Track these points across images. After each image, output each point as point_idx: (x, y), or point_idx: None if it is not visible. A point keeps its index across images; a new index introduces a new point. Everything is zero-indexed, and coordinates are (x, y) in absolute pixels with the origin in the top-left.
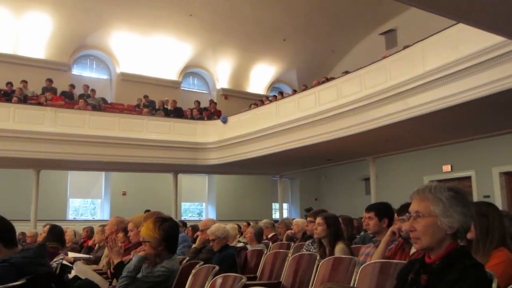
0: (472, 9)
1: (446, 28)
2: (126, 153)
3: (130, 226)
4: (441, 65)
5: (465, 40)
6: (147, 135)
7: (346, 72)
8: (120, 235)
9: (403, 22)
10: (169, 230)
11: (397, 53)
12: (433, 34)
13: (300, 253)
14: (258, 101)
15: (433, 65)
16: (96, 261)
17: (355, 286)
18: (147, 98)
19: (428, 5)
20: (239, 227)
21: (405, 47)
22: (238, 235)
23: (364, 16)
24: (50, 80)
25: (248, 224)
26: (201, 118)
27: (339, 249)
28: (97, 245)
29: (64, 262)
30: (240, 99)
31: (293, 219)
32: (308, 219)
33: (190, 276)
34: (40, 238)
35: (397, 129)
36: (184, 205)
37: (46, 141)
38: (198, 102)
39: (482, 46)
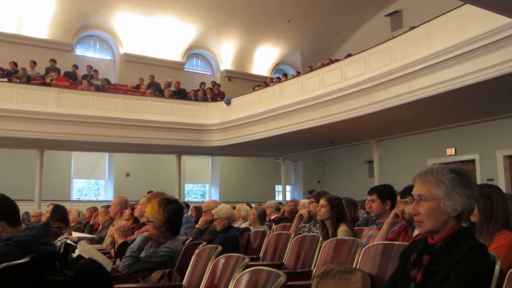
0: None
1: (452, 9)
2: (130, 134)
3: (142, 200)
4: (447, 47)
5: (472, 22)
6: (150, 116)
7: (350, 55)
8: (127, 212)
9: (409, 4)
10: (173, 212)
11: (402, 34)
12: (439, 16)
13: (303, 234)
14: (262, 83)
15: (439, 47)
16: (100, 241)
17: (357, 267)
18: (152, 78)
19: None
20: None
21: (411, 28)
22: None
23: None
24: (54, 61)
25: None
26: (206, 100)
27: (342, 230)
28: (100, 225)
29: (68, 241)
30: (243, 81)
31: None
32: (310, 200)
33: (193, 256)
34: (44, 218)
35: (401, 111)
36: (188, 187)
37: (50, 121)
38: (205, 84)
39: (489, 28)
